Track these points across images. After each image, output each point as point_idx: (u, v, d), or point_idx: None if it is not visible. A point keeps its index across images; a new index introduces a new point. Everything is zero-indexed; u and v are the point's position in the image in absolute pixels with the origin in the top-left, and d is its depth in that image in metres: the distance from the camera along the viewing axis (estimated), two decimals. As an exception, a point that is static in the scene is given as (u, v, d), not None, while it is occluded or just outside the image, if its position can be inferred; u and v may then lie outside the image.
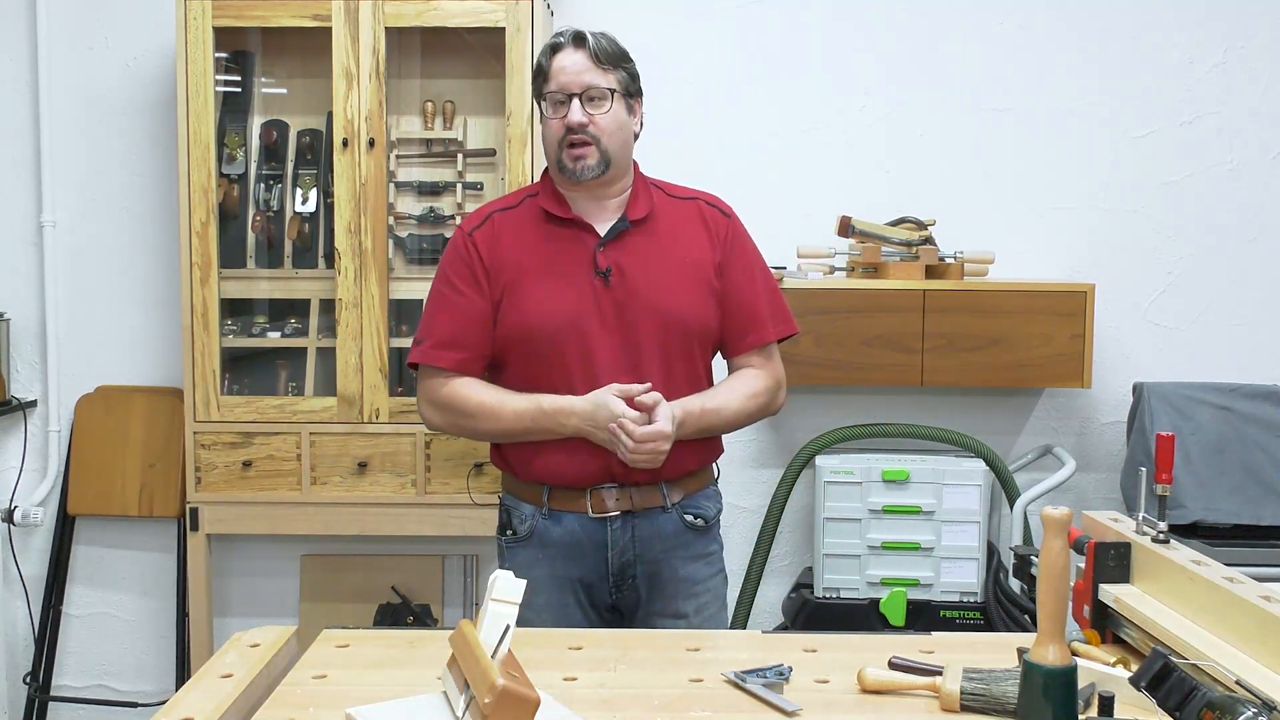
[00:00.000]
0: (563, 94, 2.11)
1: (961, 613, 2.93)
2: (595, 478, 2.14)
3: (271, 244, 3.14)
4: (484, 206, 2.29)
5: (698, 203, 2.25)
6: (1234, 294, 3.26)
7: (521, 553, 2.20)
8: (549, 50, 2.14)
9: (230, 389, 3.08)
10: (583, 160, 2.11)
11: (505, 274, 2.15)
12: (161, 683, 3.38)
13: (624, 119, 2.15)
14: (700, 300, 2.17)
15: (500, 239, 2.18)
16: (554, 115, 2.13)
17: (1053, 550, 1.33)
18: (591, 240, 2.15)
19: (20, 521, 3.31)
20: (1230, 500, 2.95)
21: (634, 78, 2.18)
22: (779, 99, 3.26)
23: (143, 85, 3.29)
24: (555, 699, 1.52)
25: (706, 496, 2.26)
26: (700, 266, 2.18)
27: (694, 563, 2.22)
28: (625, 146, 2.17)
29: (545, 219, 2.18)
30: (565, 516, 2.17)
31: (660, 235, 2.18)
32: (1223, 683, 1.40)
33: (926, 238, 3.03)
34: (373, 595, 3.25)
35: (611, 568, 2.17)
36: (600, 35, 2.15)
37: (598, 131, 2.11)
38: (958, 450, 3.12)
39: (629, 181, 2.21)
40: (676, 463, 2.14)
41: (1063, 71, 3.23)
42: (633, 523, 2.16)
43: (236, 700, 1.50)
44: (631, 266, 2.14)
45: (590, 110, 2.10)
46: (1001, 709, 1.50)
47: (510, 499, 2.25)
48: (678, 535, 2.19)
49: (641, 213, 2.18)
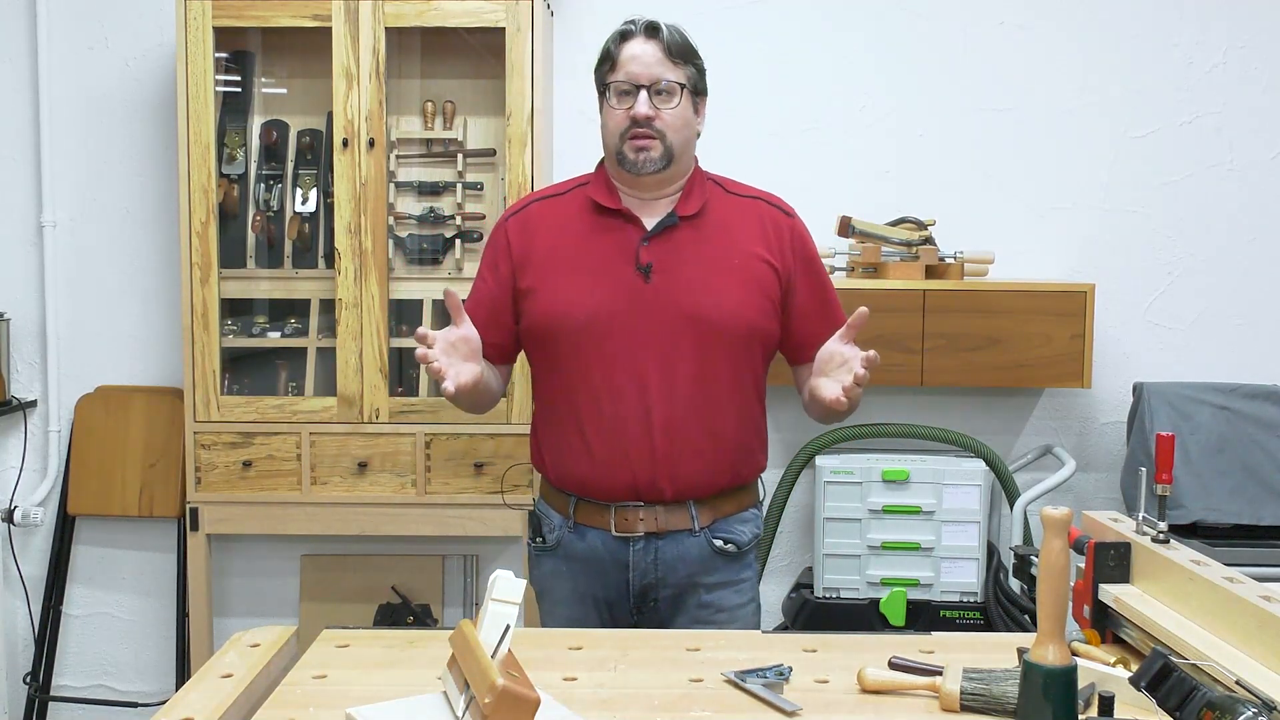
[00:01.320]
0: (630, 84, 2.03)
1: (961, 613, 2.93)
2: (620, 494, 2.06)
3: (271, 244, 3.14)
4: (527, 195, 2.24)
5: (758, 203, 2.16)
6: (1234, 294, 3.26)
7: (547, 562, 2.16)
8: (618, 37, 2.06)
9: (230, 389, 3.08)
10: (646, 152, 2.03)
11: (537, 260, 2.08)
12: (161, 683, 3.38)
13: (689, 116, 2.08)
14: (749, 302, 2.07)
15: (539, 226, 2.12)
16: (619, 106, 2.04)
17: (1053, 550, 1.33)
18: (637, 234, 2.07)
19: (20, 521, 3.31)
20: (1230, 500, 2.95)
21: (702, 74, 2.11)
22: (779, 99, 3.26)
23: (143, 85, 3.29)
24: (555, 699, 1.52)
25: (742, 520, 2.14)
26: (751, 267, 2.08)
27: (721, 590, 2.12)
28: (688, 144, 2.10)
29: (592, 209, 2.10)
30: (589, 531, 2.10)
31: (712, 232, 2.09)
32: (1223, 683, 1.40)
33: (926, 238, 3.04)
34: (373, 595, 3.25)
35: (633, 589, 2.10)
36: (674, 28, 2.07)
37: (664, 126, 2.03)
38: (958, 450, 3.12)
39: (687, 178, 2.13)
40: (706, 480, 2.07)
41: (1063, 71, 3.23)
42: (656, 544, 2.08)
43: (236, 700, 1.50)
44: (675, 264, 2.05)
45: (658, 104, 2.03)
46: (1001, 709, 1.50)
47: (543, 505, 2.20)
48: (705, 560, 2.09)
49: (693, 209, 2.09)
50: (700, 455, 2.06)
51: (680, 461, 2.05)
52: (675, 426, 2.03)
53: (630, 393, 2.04)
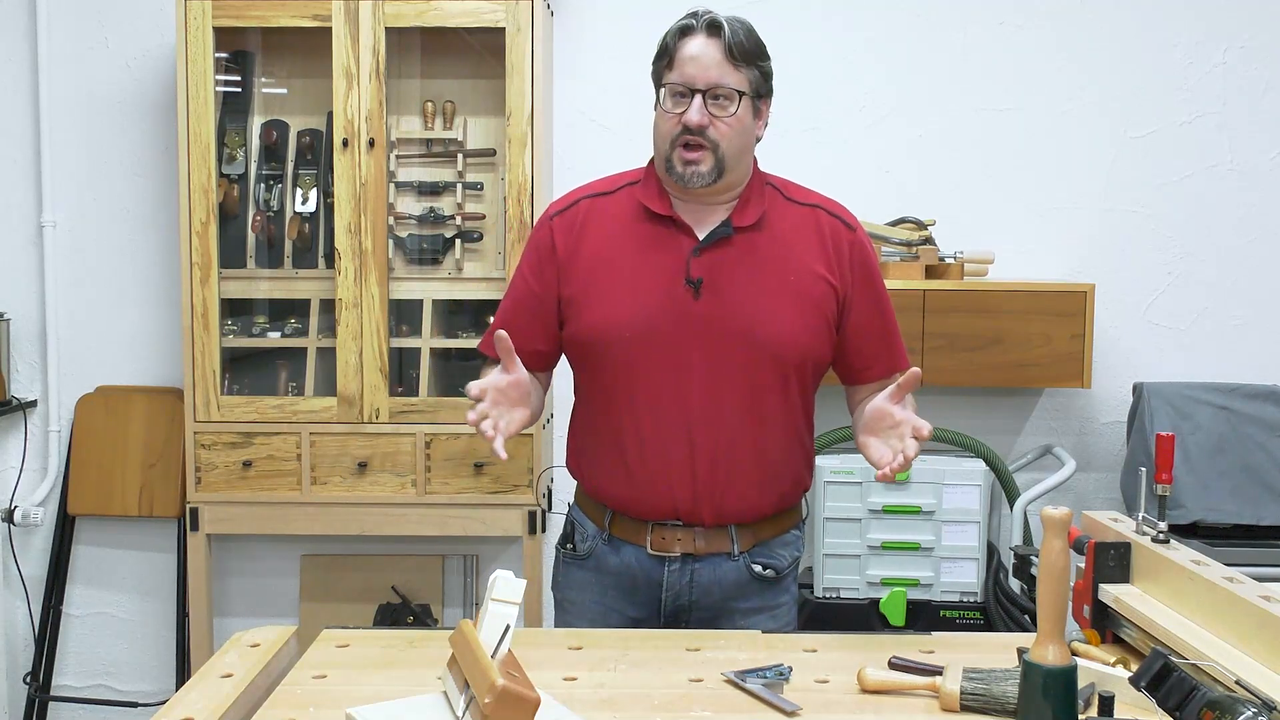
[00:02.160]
0: (685, 87, 1.87)
1: (961, 613, 2.93)
2: (659, 513, 1.95)
3: (271, 244, 3.14)
4: (574, 190, 2.05)
5: (817, 211, 1.99)
6: (1234, 294, 3.26)
7: (578, 572, 2.06)
8: (677, 32, 1.90)
9: (230, 389, 3.08)
10: (694, 166, 1.88)
11: (582, 266, 1.94)
12: (161, 683, 3.38)
13: (748, 123, 1.92)
14: (802, 324, 1.92)
15: (585, 228, 1.97)
16: (672, 109, 1.89)
17: (1053, 550, 1.33)
18: (688, 244, 1.91)
19: (20, 521, 3.31)
20: (1230, 500, 2.95)
21: (766, 76, 1.96)
22: (779, 99, 3.23)
23: (143, 85, 3.29)
24: (555, 699, 1.52)
25: (784, 544, 2.03)
26: (808, 285, 1.92)
27: (756, 615, 2.01)
28: (744, 153, 1.94)
29: (641, 214, 1.95)
30: (625, 547, 1.99)
31: (768, 246, 1.93)
32: (1223, 683, 1.40)
33: (926, 238, 3.04)
34: (373, 595, 3.25)
35: (665, 609, 2.00)
36: (738, 25, 1.91)
37: (717, 136, 1.88)
38: (958, 450, 3.12)
39: (744, 184, 1.98)
40: (752, 506, 1.96)
41: (1063, 71, 3.23)
42: (693, 566, 1.96)
43: (236, 700, 1.50)
44: (728, 279, 1.90)
45: (713, 111, 1.87)
46: (1001, 709, 1.50)
47: (578, 512, 2.08)
48: (741, 585, 1.98)
49: (750, 220, 1.93)
50: (744, 483, 1.95)
51: (723, 489, 1.94)
52: (720, 453, 1.92)
53: (674, 415, 1.92)
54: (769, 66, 1.97)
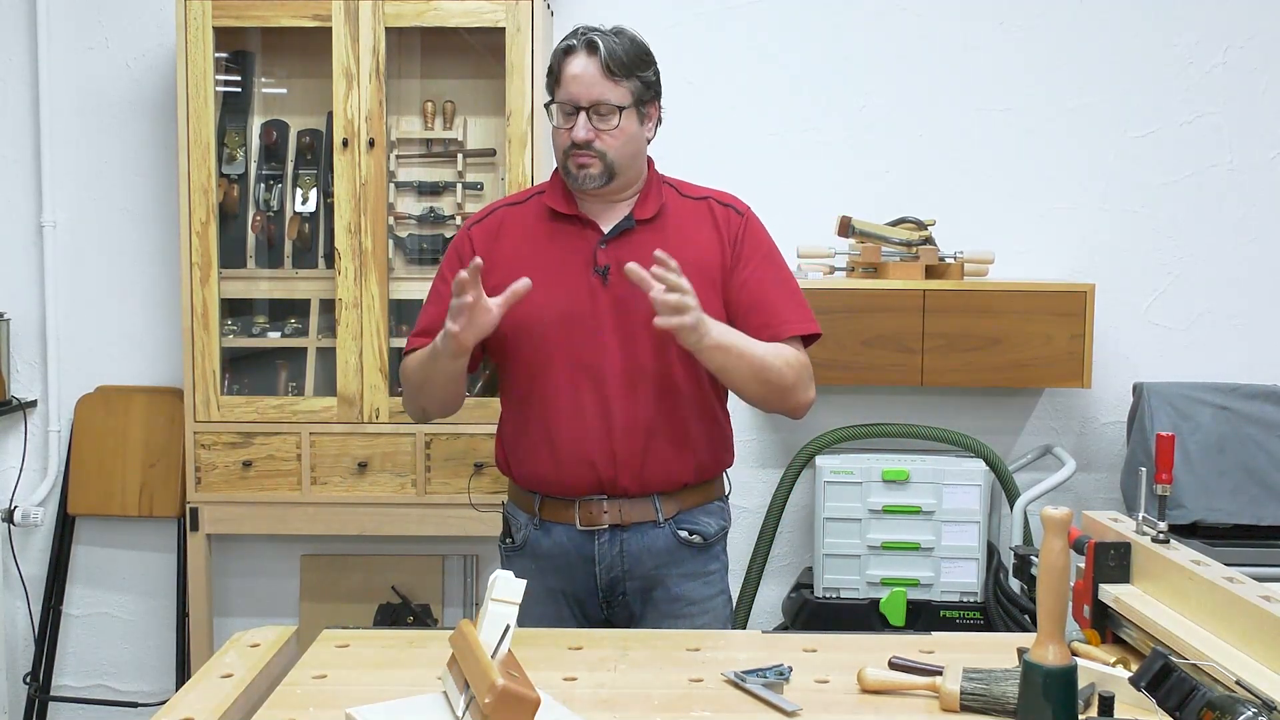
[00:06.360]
0: (571, 105, 2.05)
1: (961, 613, 2.93)
2: (584, 489, 2.09)
3: (271, 244, 3.14)
4: (489, 205, 2.27)
5: (709, 201, 2.18)
6: (1234, 294, 3.26)
7: (517, 562, 2.17)
8: (561, 52, 2.06)
9: (230, 389, 3.08)
10: (586, 170, 2.06)
11: (500, 266, 2.09)
12: (161, 683, 3.38)
13: (633, 131, 2.08)
14: (704, 300, 2.03)
15: (502, 235, 2.15)
16: (562, 125, 2.07)
17: (1053, 550, 1.34)
18: (594, 238, 2.11)
19: (20, 521, 3.31)
20: (1230, 500, 2.95)
21: (648, 85, 2.10)
22: (779, 99, 3.27)
23: (143, 85, 3.29)
24: (555, 699, 1.52)
25: (708, 512, 2.18)
26: (707, 268, 2.10)
27: (689, 581, 2.15)
28: (634, 158, 2.10)
29: (550, 216, 2.14)
30: (555, 528, 2.13)
31: (668, 235, 2.10)
32: (1223, 683, 1.40)
33: (926, 238, 3.04)
34: (373, 595, 3.25)
35: (600, 583, 2.13)
36: (616, 40, 2.05)
37: (604, 147, 2.05)
38: (958, 450, 3.12)
39: (640, 182, 2.15)
40: (671, 474, 2.11)
41: (1063, 71, 3.23)
42: (621, 537, 2.11)
43: (236, 700, 1.50)
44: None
45: (598, 125, 2.04)
46: (1001, 709, 1.50)
47: (510, 506, 2.23)
48: (671, 552, 2.13)
49: (649, 212, 2.12)
50: (662, 451, 2.09)
51: (641, 460, 2.08)
52: (636, 424, 2.07)
53: (591, 393, 2.07)
54: (650, 74, 2.11)
